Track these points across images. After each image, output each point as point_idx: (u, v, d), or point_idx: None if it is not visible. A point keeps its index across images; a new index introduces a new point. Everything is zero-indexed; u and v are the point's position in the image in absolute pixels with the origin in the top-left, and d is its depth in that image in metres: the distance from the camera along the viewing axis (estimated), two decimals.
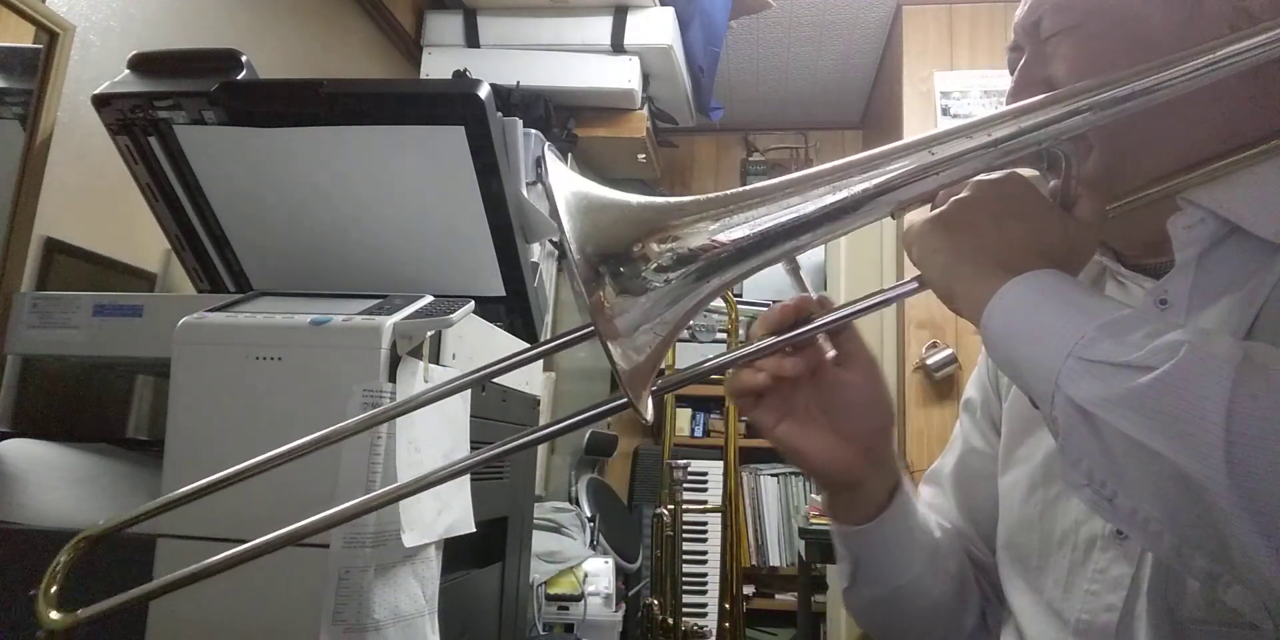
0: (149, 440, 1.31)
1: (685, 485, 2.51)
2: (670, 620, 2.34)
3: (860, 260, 3.19)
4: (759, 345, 0.64)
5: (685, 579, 2.64)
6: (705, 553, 3.44)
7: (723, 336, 2.79)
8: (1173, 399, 0.46)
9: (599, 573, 2.20)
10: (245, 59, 1.16)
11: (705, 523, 3.44)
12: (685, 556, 2.71)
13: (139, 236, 1.42)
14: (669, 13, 2.56)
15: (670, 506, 2.42)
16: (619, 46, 2.54)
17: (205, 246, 1.30)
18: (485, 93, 1.09)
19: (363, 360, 0.92)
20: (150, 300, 1.12)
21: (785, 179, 0.56)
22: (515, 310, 1.30)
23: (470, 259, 1.24)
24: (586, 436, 2.97)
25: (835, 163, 0.57)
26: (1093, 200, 0.61)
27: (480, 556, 1.29)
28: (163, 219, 1.28)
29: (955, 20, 3.11)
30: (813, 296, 0.66)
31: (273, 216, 1.24)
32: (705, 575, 3.40)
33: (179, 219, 1.27)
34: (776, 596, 3.54)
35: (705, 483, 3.55)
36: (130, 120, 1.17)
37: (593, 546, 2.45)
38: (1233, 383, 0.45)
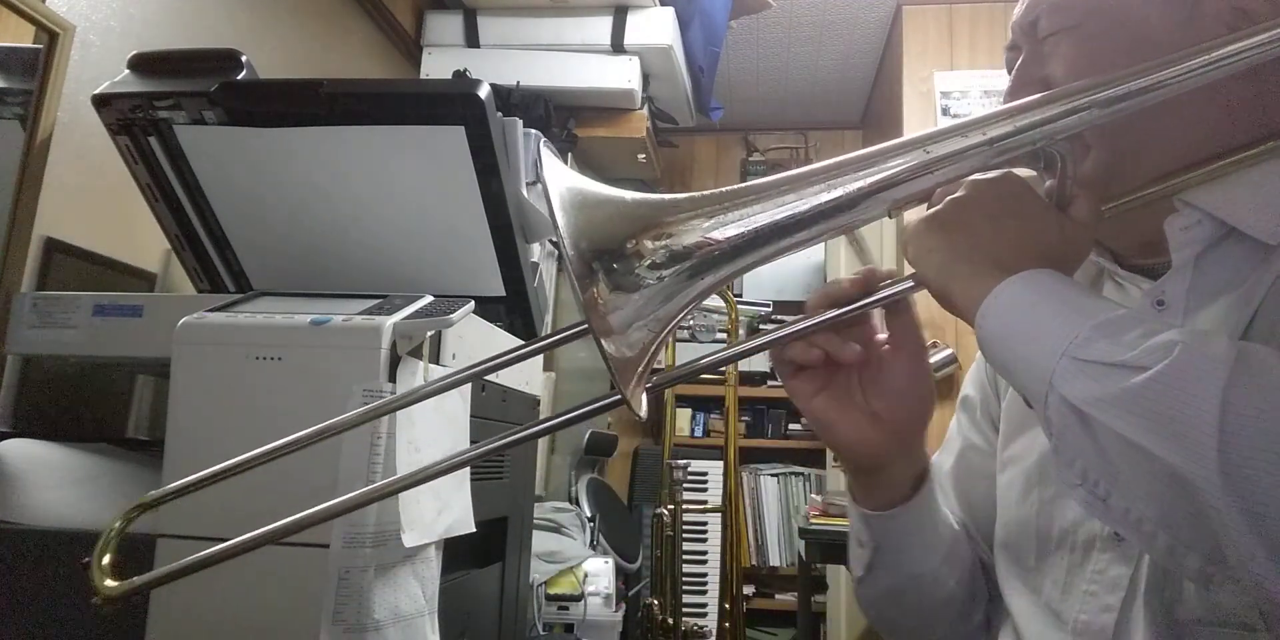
0: (149, 440, 1.31)
1: (685, 485, 2.51)
2: (670, 620, 2.34)
3: (860, 260, 3.19)
4: (813, 321, 0.63)
5: (685, 579, 2.64)
6: (705, 553, 3.44)
7: (723, 336, 2.78)
8: (1167, 399, 0.46)
9: (599, 573, 2.20)
10: (245, 59, 1.16)
11: (705, 523, 3.43)
12: (685, 556, 2.71)
13: (139, 236, 1.42)
14: (669, 13, 2.56)
15: (670, 506, 2.42)
16: (619, 46, 2.54)
17: (205, 246, 1.30)
18: (485, 93, 1.09)
19: (363, 360, 0.93)
20: (150, 300, 1.12)
21: (780, 177, 0.56)
22: (515, 310, 1.30)
23: (470, 259, 1.24)
24: (586, 436, 2.96)
25: (830, 160, 0.57)
26: (1089, 200, 0.61)
27: (480, 556, 1.29)
28: (163, 219, 1.28)
29: (955, 20, 3.11)
30: (879, 270, 0.65)
31: (273, 216, 1.24)
32: (705, 575, 3.40)
33: (179, 219, 1.27)
34: (776, 596, 3.54)
35: (705, 483, 3.55)
36: (130, 120, 1.17)
37: (593, 546, 2.45)
38: (1226, 383, 0.45)
